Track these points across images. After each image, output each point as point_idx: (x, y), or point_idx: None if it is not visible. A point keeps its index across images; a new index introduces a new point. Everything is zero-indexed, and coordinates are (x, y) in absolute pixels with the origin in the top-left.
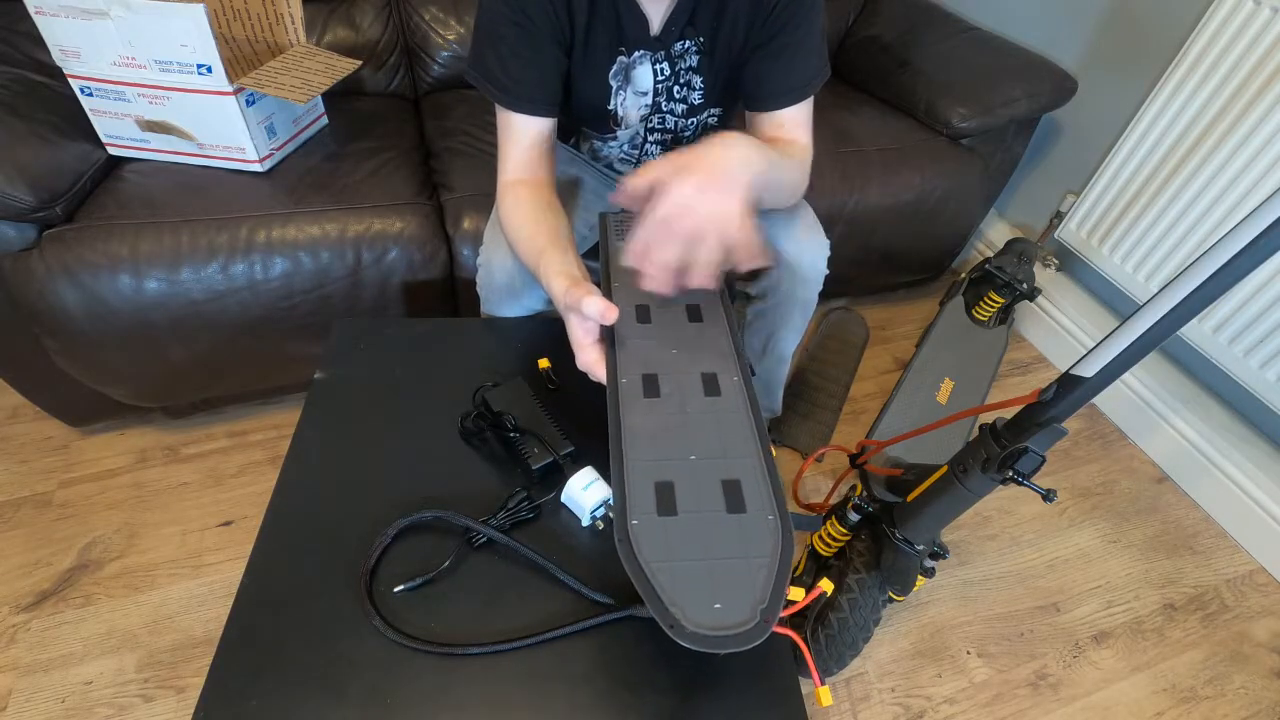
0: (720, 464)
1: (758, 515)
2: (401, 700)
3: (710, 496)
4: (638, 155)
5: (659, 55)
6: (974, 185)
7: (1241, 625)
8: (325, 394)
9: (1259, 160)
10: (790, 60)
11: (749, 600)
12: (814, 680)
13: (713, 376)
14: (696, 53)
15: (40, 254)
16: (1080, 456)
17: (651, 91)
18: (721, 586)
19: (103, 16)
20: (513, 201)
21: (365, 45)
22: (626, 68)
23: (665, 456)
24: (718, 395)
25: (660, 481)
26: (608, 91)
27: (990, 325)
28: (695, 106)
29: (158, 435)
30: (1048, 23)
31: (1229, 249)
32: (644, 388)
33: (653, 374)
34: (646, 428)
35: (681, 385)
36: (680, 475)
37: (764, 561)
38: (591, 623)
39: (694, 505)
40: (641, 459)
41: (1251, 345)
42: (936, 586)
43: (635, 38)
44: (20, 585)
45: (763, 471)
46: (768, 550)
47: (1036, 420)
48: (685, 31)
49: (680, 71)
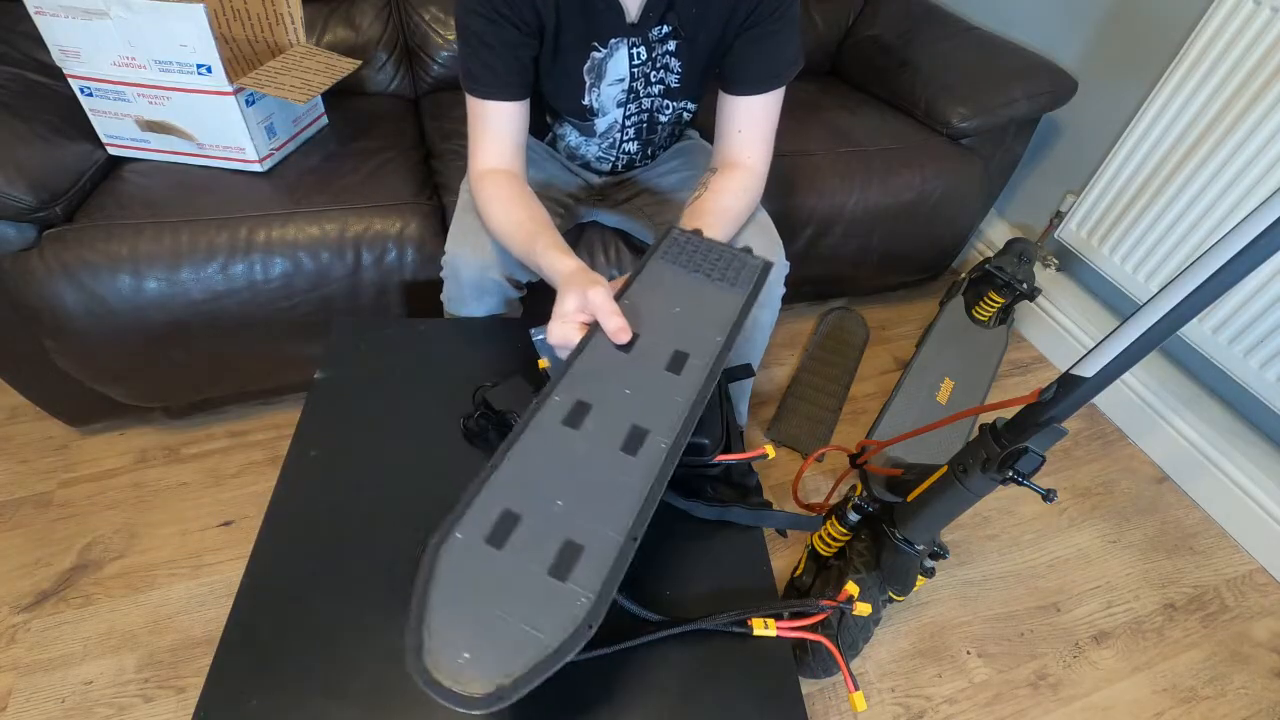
0: (578, 523)
1: (574, 592)
2: (402, 700)
3: (544, 549)
4: (614, 156)
5: (635, 40)
6: (974, 185)
7: (1241, 625)
8: (325, 394)
9: (1259, 160)
10: (769, 49)
11: (499, 669)
12: (848, 686)
13: (642, 434)
14: (675, 39)
15: (40, 254)
16: (1080, 456)
17: (628, 76)
18: (484, 641)
19: (103, 16)
20: (492, 190)
21: (365, 45)
22: (599, 62)
23: (534, 489)
24: (633, 456)
25: (508, 510)
26: (581, 87)
27: (990, 325)
28: (673, 90)
29: (158, 435)
30: (1048, 23)
31: (1229, 249)
32: (570, 414)
33: (587, 404)
34: (541, 451)
35: (607, 429)
36: (533, 514)
37: (541, 639)
38: (636, 642)
39: (522, 549)
40: (509, 479)
41: (1251, 345)
42: (936, 586)
43: (610, 28)
44: (20, 585)
45: (614, 551)
46: (554, 630)
47: (1036, 420)
48: (666, 17)
49: (658, 56)
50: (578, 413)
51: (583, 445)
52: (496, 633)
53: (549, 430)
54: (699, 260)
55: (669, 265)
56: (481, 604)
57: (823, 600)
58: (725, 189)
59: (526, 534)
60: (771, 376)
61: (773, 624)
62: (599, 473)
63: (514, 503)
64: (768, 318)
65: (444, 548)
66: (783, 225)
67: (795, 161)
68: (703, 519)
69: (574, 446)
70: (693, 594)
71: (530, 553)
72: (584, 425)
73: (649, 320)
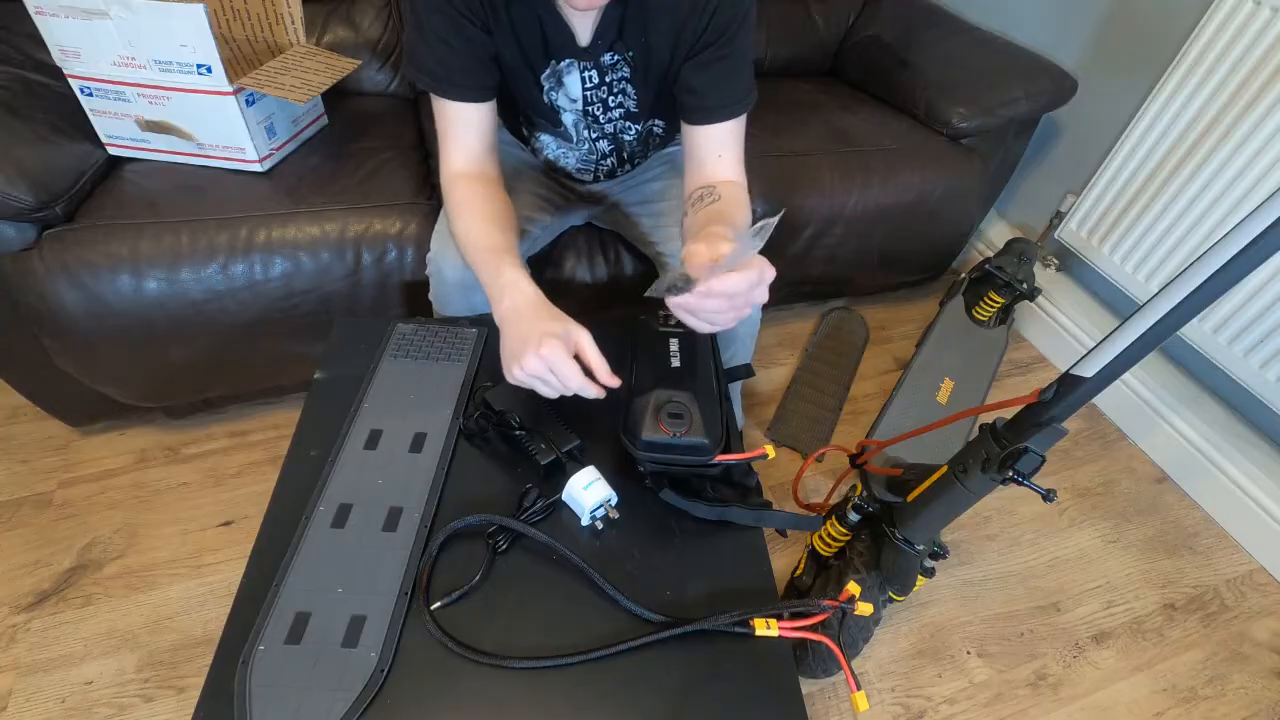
0: (357, 599)
1: (362, 652)
2: (403, 700)
3: (335, 629)
4: (594, 165)
5: (587, 64)
6: (974, 185)
7: (1241, 625)
8: (325, 394)
9: (1259, 160)
10: (719, 77)
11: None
12: (850, 686)
13: (397, 511)
14: (627, 65)
15: (40, 254)
16: (1080, 456)
17: (581, 99)
18: (292, 714)
19: (103, 16)
20: (457, 197)
21: (365, 45)
22: (559, 73)
23: (317, 586)
24: (393, 531)
25: (301, 611)
26: (539, 91)
27: (990, 325)
28: (633, 114)
29: (158, 435)
30: (1048, 23)
31: (1229, 249)
32: (335, 518)
33: (349, 504)
34: (318, 556)
35: (368, 517)
36: (320, 606)
37: (348, 695)
38: (637, 642)
39: (320, 636)
40: (295, 588)
41: (1251, 345)
42: (936, 586)
43: (562, 46)
44: (20, 585)
45: (388, 609)
46: (348, 686)
47: (1036, 420)
48: (615, 45)
49: (612, 82)
50: (341, 514)
51: (353, 537)
52: (304, 706)
53: (321, 534)
54: (423, 347)
55: (398, 360)
56: (293, 686)
57: (825, 600)
58: (738, 196)
59: (317, 624)
60: (771, 376)
61: (775, 624)
62: (368, 553)
63: (303, 604)
64: (746, 329)
65: (254, 662)
66: (783, 225)
67: (795, 161)
68: (703, 519)
69: (345, 540)
70: (693, 594)
71: (326, 636)
72: (349, 523)
73: (389, 412)
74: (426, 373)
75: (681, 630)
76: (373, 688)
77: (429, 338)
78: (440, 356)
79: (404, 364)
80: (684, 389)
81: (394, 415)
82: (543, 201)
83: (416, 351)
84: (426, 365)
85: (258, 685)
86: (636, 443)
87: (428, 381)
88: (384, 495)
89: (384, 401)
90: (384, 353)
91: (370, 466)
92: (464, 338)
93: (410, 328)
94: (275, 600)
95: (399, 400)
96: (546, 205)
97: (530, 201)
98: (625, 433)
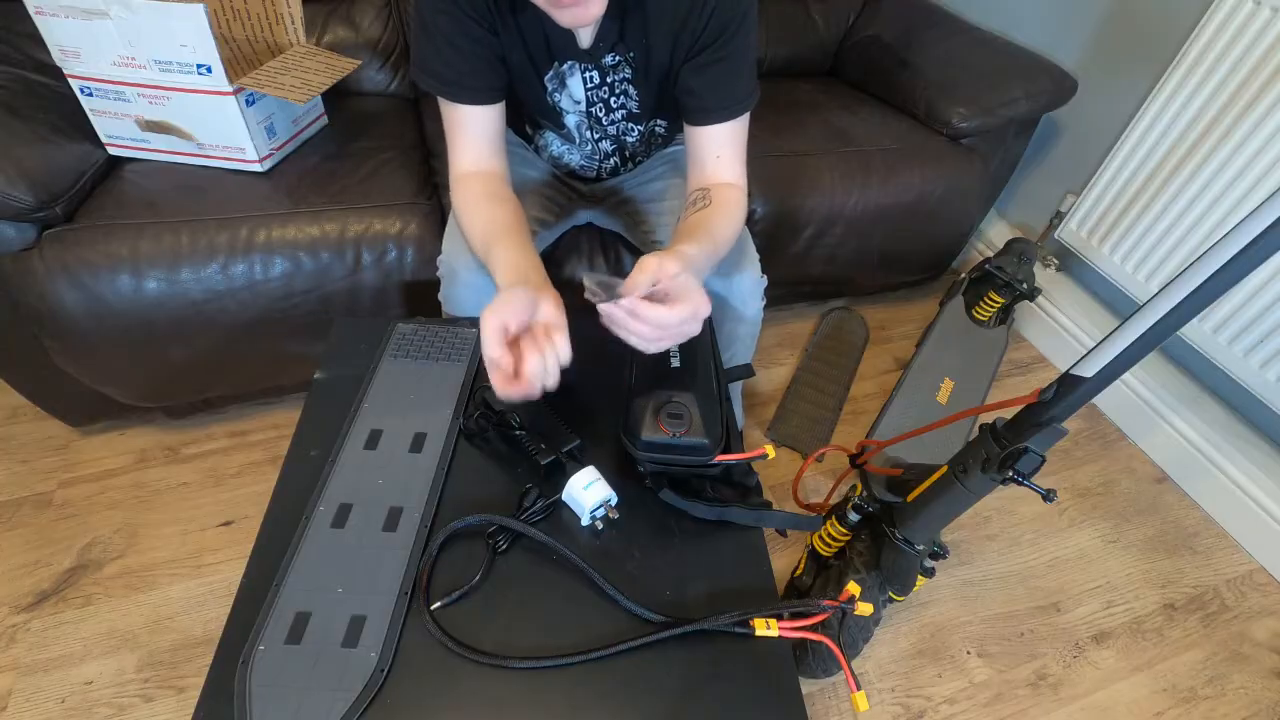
0: (357, 599)
1: (362, 652)
2: (402, 700)
3: (336, 629)
4: (596, 164)
5: (588, 65)
6: (974, 185)
7: (1241, 625)
8: (325, 394)
9: (1259, 160)
10: (718, 78)
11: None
12: (851, 686)
13: (397, 511)
14: (628, 66)
15: (40, 254)
16: (1080, 456)
17: (585, 101)
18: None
19: (103, 16)
20: (464, 194)
21: (365, 45)
22: (562, 74)
23: (317, 586)
24: (393, 531)
25: (301, 611)
26: (544, 92)
27: (990, 325)
28: (635, 114)
29: (158, 435)
30: (1048, 23)
31: (1229, 249)
32: (335, 518)
33: (349, 504)
34: (318, 556)
35: (368, 517)
36: (320, 606)
37: (348, 695)
38: (637, 642)
39: (320, 636)
40: (295, 588)
41: (1251, 345)
42: (936, 586)
43: (564, 48)
44: (20, 585)
45: (388, 609)
46: (348, 686)
47: (1036, 420)
48: (616, 47)
49: (614, 83)
50: (341, 515)
51: (353, 537)
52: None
53: (321, 535)
54: (423, 347)
55: (398, 360)
56: (293, 686)
57: (825, 600)
58: (730, 200)
59: (318, 624)
60: (771, 376)
61: (775, 624)
62: (368, 553)
63: (302, 605)
64: (746, 330)
65: (254, 662)
66: (783, 225)
67: (795, 161)
68: (703, 519)
69: (345, 540)
70: (693, 594)
71: (326, 636)
72: (349, 523)
73: (389, 412)
74: (426, 373)
75: (681, 630)
76: (373, 688)
77: (429, 338)
78: (440, 356)
79: (404, 364)
80: (684, 389)
81: (394, 415)
82: (546, 202)
83: (416, 351)
84: (426, 365)
85: (258, 685)
86: (636, 443)
87: (428, 381)
88: (384, 495)
89: (384, 401)
90: (384, 353)
91: (370, 466)
92: (464, 338)
93: (410, 328)
94: (275, 600)
95: (399, 400)
96: (550, 206)
97: (534, 202)
98: (625, 433)
